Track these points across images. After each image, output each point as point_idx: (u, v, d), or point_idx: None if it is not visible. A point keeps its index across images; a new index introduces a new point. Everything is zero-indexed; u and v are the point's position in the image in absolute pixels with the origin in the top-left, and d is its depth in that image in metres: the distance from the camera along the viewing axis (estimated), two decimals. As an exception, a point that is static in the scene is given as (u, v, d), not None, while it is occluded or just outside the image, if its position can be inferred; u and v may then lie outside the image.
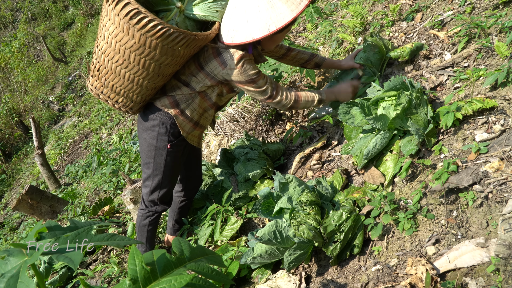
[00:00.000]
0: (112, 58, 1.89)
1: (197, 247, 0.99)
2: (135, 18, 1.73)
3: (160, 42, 1.80)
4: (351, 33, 3.23)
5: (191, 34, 1.84)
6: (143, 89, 2.01)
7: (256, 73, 2.07)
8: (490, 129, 1.81)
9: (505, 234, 1.38)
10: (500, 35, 2.18)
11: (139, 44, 1.81)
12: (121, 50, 1.85)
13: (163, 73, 1.98)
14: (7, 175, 9.73)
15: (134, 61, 1.87)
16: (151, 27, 1.75)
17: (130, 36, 1.79)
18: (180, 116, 2.12)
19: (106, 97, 2.05)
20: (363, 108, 2.11)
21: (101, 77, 1.99)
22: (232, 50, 2.00)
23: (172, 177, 2.26)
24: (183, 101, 2.11)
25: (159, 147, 2.14)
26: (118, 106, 2.08)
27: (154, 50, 1.83)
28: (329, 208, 1.93)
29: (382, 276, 1.64)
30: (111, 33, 1.82)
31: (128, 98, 2.04)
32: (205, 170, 2.97)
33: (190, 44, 1.89)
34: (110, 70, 1.94)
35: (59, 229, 0.90)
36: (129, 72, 1.92)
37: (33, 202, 4.72)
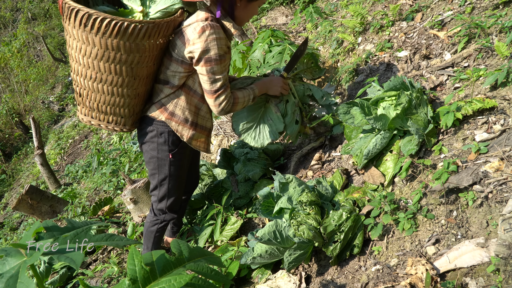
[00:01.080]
0: (86, 76, 1.86)
1: (196, 248, 0.99)
2: (88, 23, 1.69)
3: (120, 40, 1.74)
4: (351, 33, 3.22)
5: (148, 22, 1.76)
6: (126, 99, 1.94)
7: (219, 55, 1.86)
8: (490, 129, 1.81)
9: (505, 234, 1.38)
10: (500, 35, 2.17)
11: (102, 49, 1.76)
12: (90, 64, 1.82)
13: (138, 75, 1.91)
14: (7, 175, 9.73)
15: (106, 71, 1.83)
16: (105, 27, 1.70)
17: (91, 44, 1.75)
18: (172, 120, 2.01)
19: (97, 121, 2.01)
20: (363, 108, 2.10)
21: (85, 101, 1.96)
22: (194, 24, 1.86)
23: (178, 185, 2.20)
24: (169, 103, 2.02)
25: (161, 158, 2.08)
26: (112, 127, 2.03)
27: (118, 50, 1.78)
28: (329, 208, 1.93)
29: (382, 276, 1.64)
30: (77, 50, 1.80)
31: (117, 114, 1.99)
32: (205, 170, 2.97)
33: (152, 34, 1.81)
34: (89, 89, 1.90)
35: (57, 229, 0.90)
36: (106, 85, 1.88)
37: (33, 202, 4.72)
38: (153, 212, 2.28)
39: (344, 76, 2.97)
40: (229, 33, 1.96)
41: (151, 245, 2.32)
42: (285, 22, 4.81)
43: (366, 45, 3.03)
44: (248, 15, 1.99)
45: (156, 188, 2.18)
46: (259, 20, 5.16)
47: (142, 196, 3.28)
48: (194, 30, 1.84)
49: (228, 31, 1.95)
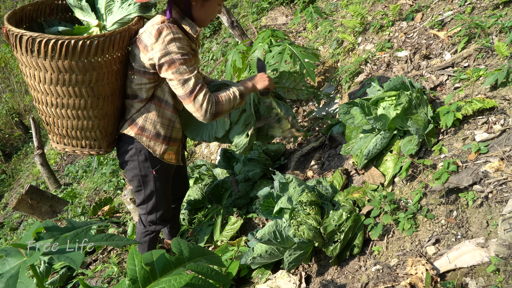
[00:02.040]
0: (47, 103, 1.76)
1: (196, 247, 0.99)
2: (34, 48, 1.59)
3: (71, 60, 1.63)
4: (351, 33, 3.22)
5: (98, 36, 1.64)
6: (95, 121, 1.83)
7: (182, 54, 1.71)
8: (490, 129, 1.81)
9: (505, 234, 1.38)
10: (500, 35, 2.17)
11: (56, 73, 1.65)
12: (47, 90, 1.71)
13: (101, 94, 1.79)
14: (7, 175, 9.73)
15: (65, 95, 1.72)
16: (52, 49, 1.58)
17: (43, 69, 1.65)
18: (142, 135, 1.90)
19: (71, 148, 1.91)
20: (363, 108, 2.10)
21: (53, 128, 1.86)
22: (150, 28, 1.74)
23: (166, 197, 2.13)
24: (139, 117, 1.90)
25: (145, 175, 1.98)
26: (87, 151, 1.93)
27: (72, 72, 1.66)
28: (329, 208, 1.93)
29: (382, 276, 1.64)
30: (31, 78, 1.70)
31: (89, 138, 1.89)
32: (205, 170, 2.97)
33: (105, 48, 1.68)
34: (54, 116, 1.81)
35: (56, 229, 0.90)
36: (70, 109, 1.77)
37: (33, 202, 4.72)
38: (143, 224, 2.20)
39: (344, 76, 2.97)
40: (190, 35, 1.83)
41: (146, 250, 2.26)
42: (285, 22, 4.81)
43: (366, 45, 3.03)
44: (207, 15, 1.84)
45: (143, 203, 2.10)
46: (259, 20, 5.17)
47: (142, 196, 3.27)
48: (150, 34, 1.72)
49: (188, 34, 1.82)
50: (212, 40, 5.95)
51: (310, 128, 3.04)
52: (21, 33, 1.58)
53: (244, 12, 5.78)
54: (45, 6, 1.91)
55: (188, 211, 2.78)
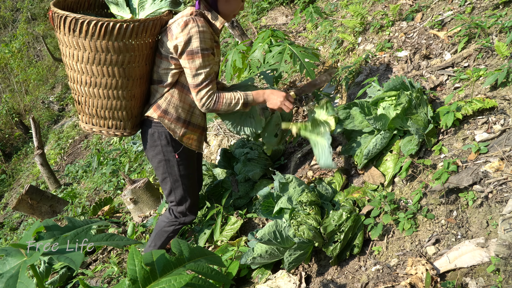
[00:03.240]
0: (81, 82, 1.91)
1: (196, 248, 0.99)
2: (76, 28, 1.75)
3: (109, 41, 1.78)
4: (351, 33, 3.22)
5: (133, 20, 1.80)
6: (123, 101, 1.96)
7: (202, 48, 1.86)
8: (490, 129, 1.81)
9: (505, 234, 1.38)
10: (500, 35, 2.17)
11: (93, 52, 1.80)
12: (84, 69, 1.86)
13: (131, 76, 1.93)
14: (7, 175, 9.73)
15: (99, 74, 1.87)
16: (92, 29, 1.74)
17: (82, 48, 1.80)
18: (164, 117, 2.00)
19: (98, 128, 2.03)
20: (363, 108, 2.10)
21: (84, 108, 1.99)
22: (179, 19, 1.88)
23: (192, 184, 2.18)
24: (163, 101, 2.01)
25: (168, 160, 2.06)
26: (112, 132, 2.04)
27: (108, 51, 1.81)
28: (329, 208, 1.93)
29: (382, 276, 1.64)
30: (70, 57, 1.85)
31: (116, 118, 2.00)
32: (205, 170, 2.97)
33: (139, 33, 1.84)
34: (86, 96, 1.94)
35: (57, 228, 0.90)
36: (101, 89, 1.91)
37: (33, 202, 4.72)
38: (174, 215, 2.22)
39: (344, 76, 2.97)
40: (215, 28, 1.96)
41: (160, 243, 2.27)
42: (285, 22, 4.81)
43: (366, 45, 3.03)
44: (231, 9, 1.98)
45: (171, 193, 2.15)
46: (259, 20, 5.17)
47: (142, 196, 3.28)
48: (178, 25, 1.86)
49: (213, 26, 1.95)
50: (212, 40, 5.94)
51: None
52: (66, 14, 1.73)
53: (244, 12, 5.78)
54: (85, 0, 2.08)
55: (188, 211, 2.77)
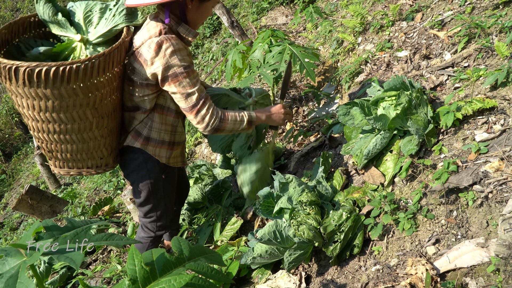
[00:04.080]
0: (48, 131, 1.67)
1: (197, 246, 0.99)
2: (33, 78, 1.49)
3: (74, 84, 1.56)
4: (351, 33, 3.22)
5: (98, 56, 1.57)
6: (101, 140, 1.79)
7: (184, 67, 1.68)
8: (490, 129, 1.81)
9: (505, 234, 1.38)
10: (500, 35, 2.17)
11: (58, 100, 1.57)
12: (50, 118, 1.62)
13: (105, 113, 1.74)
14: (7, 175, 9.73)
15: (69, 120, 1.65)
16: (53, 76, 1.50)
17: (44, 98, 1.56)
18: (147, 145, 1.88)
19: (76, 171, 1.85)
20: (363, 108, 2.10)
21: (56, 154, 1.78)
22: (148, 41, 1.68)
23: (173, 198, 2.15)
24: (143, 128, 1.87)
25: (155, 181, 1.96)
26: (94, 171, 1.88)
27: (76, 95, 1.59)
28: (329, 208, 1.93)
29: (382, 276, 1.64)
30: (30, 108, 1.60)
31: (95, 158, 1.84)
32: (205, 170, 2.97)
33: (106, 67, 1.62)
34: (57, 143, 1.72)
35: (56, 229, 0.90)
36: (74, 134, 1.70)
37: (33, 202, 4.72)
38: (151, 231, 2.16)
39: (344, 76, 2.97)
40: (186, 41, 1.82)
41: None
42: (285, 22, 4.81)
43: (366, 45, 3.03)
44: (202, 17, 1.82)
45: (153, 210, 2.07)
46: (259, 20, 5.17)
47: (142, 196, 3.27)
48: (149, 48, 1.67)
49: (185, 39, 1.81)
50: (212, 40, 5.95)
51: (310, 128, 3.04)
52: (16, 64, 1.47)
53: (244, 12, 5.78)
54: (18, 26, 1.81)
55: (188, 211, 2.78)
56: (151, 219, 2.12)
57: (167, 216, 2.15)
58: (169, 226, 2.22)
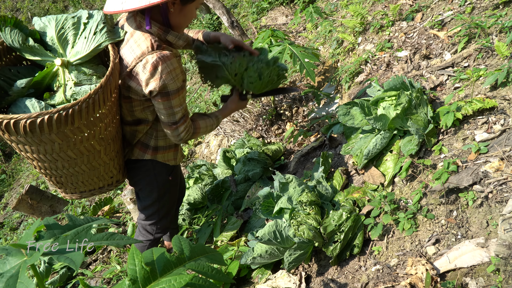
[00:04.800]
0: (57, 168, 1.64)
1: (197, 246, 0.99)
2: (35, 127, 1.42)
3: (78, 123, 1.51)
4: (351, 33, 3.22)
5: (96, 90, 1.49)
6: (110, 162, 1.78)
7: (177, 88, 1.66)
8: (490, 129, 1.81)
9: (505, 234, 1.38)
10: (500, 35, 2.18)
11: (64, 141, 1.52)
12: (57, 157, 1.58)
13: (110, 138, 1.72)
14: (7, 175, 9.73)
15: (77, 155, 1.61)
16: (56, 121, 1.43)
17: (49, 142, 1.50)
18: (156, 154, 1.89)
19: (88, 193, 1.84)
20: (363, 108, 2.10)
21: (66, 184, 1.76)
22: (143, 61, 1.60)
23: (176, 199, 2.19)
24: (149, 139, 1.87)
25: (161, 185, 1.98)
26: (106, 189, 1.87)
27: (81, 132, 1.54)
28: (329, 208, 1.93)
29: (382, 276, 1.64)
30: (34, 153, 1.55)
31: (106, 178, 1.83)
32: (205, 170, 2.97)
33: (106, 97, 1.56)
34: (67, 175, 1.69)
35: (57, 227, 0.90)
36: (83, 165, 1.67)
37: (33, 202, 4.71)
38: (148, 233, 2.16)
39: (344, 76, 2.97)
40: (176, 46, 1.77)
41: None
42: (285, 22, 4.81)
43: (366, 45, 3.03)
44: (186, 20, 1.73)
45: (154, 213, 2.08)
46: (259, 20, 5.17)
47: (142, 196, 3.27)
48: (144, 68, 1.60)
49: (174, 45, 1.75)
50: (212, 40, 5.94)
51: (310, 128, 3.04)
52: (14, 118, 1.39)
53: (244, 12, 5.78)
54: None
55: (188, 211, 2.78)
56: (152, 221, 2.13)
57: (168, 218, 2.16)
58: (168, 228, 2.22)
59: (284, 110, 3.39)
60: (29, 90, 1.65)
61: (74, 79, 1.65)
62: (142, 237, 2.18)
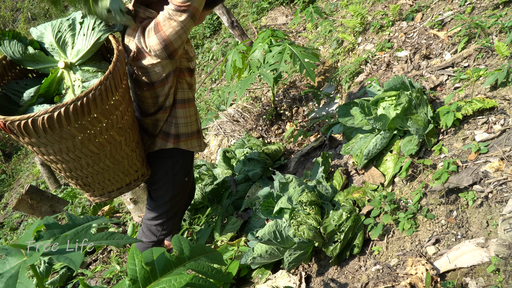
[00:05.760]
0: (81, 167, 1.62)
1: (197, 246, 0.99)
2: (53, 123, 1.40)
3: (94, 112, 1.50)
4: (351, 33, 3.23)
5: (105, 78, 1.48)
6: (132, 154, 1.75)
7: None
8: (490, 129, 1.81)
9: (505, 234, 1.38)
10: (500, 35, 2.18)
11: (83, 133, 1.51)
12: (79, 155, 1.56)
13: (128, 127, 1.70)
14: (7, 175, 9.73)
15: (99, 149, 1.60)
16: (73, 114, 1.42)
17: (69, 137, 1.49)
18: (179, 142, 1.87)
19: (116, 192, 1.81)
20: (363, 108, 2.10)
21: (93, 186, 1.73)
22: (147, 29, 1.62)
23: (185, 201, 2.17)
24: (169, 127, 1.85)
25: (178, 185, 1.96)
26: (133, 186, 1.84)
27: (99, 122, 1.53)
28: (329, 208, 1.93)
29: (382, 276, 1.64)
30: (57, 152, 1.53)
31: (131, 174, 1.80)
32: (205, 170, 2.97)
33: (116, 83, 1.55)
34: (92, 174, 1.67)
35: (57, 227, 0.90)
36: (107, 159, 1.65)
37: (33, 202, 4.71)
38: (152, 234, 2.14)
39: (344, 76, 2.97)
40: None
41: None
42: (285, 22, 4.81)
43: (366, 45, 3.03)
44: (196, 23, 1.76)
45: (163, 214, 2.06)
46: (259, 20, 5.17)
47: (142, 196, 3.27)
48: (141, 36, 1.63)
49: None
50: (212, 40, 5.95)
51: (310, 128, 3.04)
52: (31, 116, 1.37)
53: (244, 12, 5.78)
54: None
55: (188, 211, 2.78)
56: (160, 221, 2.10)
57: (175, 219, 2.16)
58: (172, 231, 2.20)
59: (284, 110, 3.39)
60: (38, 99, 1.65)
61: (81, 78, 1.65)
62: (145, 238, 2.16)
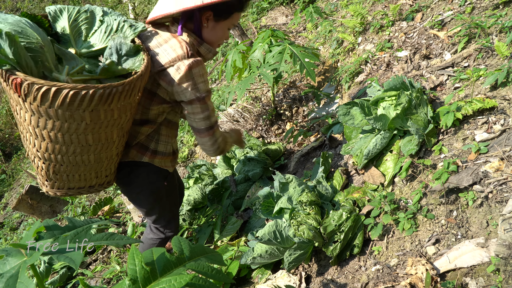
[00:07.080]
0: (65, 152, 1.54)
1: (197, 246, 0.99)
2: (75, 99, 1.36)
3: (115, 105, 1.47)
4: (351, 33, 3.23)
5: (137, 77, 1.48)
6: (115, 158, 1.73)
7: (207, 90, 1.70)
8: (490, 129, 1.81)
9: (505, 234, 1.38)
10: (500, 35, 2.18)
11: (92, 121, 1.47)
12: (73, 140, 1.50)
13: (126, 131, 1.70)
14: (7, 175, 9.73)
15: (94, 141, 1.54)
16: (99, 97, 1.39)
17: (77, 119, 1.43)
18: (154, 158, 1.85)
19: (76, 191, 1.73)
20: (363, 108, 2.10)
21: (60, 176, 1.64)
22: (178, 63, 1.64)
23: (177, 200, 2.18)
24: (150, 142, 1.83)
25: (157, 191, 1.94)
26: (94, 190, 1.77)
27: (112, 116, 1.51)
28: (329, 208, 1.93)
29: (382, 276, 1.64)
30: (53, 129, 1.45)
31: (102, 177, 1.75)
32: (205, 170, 2.97)
33: (141, 86, 1.57)
34: (69, 164, 1.59)
35: (57, 228, 0.90)
36: (93, 154, 1.59)
37: (33, 202, 4.72)
38: (160, 232, 2.15)
39: (344, 76, 2.97)
40: (205, 58, 1.83)
41: None
42: (285, 22, 4.81)
43: (366, 45, 3.03)
44: (217, 37, 1.80)
45: (159, 218, 2.06)
46: (259, 20, 5.17)
47: (142, 196, 3.27)
48: (178, 69, 1.64)
49: (204, 57, 1.82)
50: (212, 40, 5.94)
51: (310, 128, 3.04)
52: (58, 86, 1.31)
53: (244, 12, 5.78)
54: None
55: (188, 211, 2.78)
56: (160, 224, 2.11)
57: (176, 220, 2.16)
58: (178, 229, 2.21)
59: (284, 110, 3.39)
60: None
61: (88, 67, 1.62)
62: (153, 235, 2.17)
